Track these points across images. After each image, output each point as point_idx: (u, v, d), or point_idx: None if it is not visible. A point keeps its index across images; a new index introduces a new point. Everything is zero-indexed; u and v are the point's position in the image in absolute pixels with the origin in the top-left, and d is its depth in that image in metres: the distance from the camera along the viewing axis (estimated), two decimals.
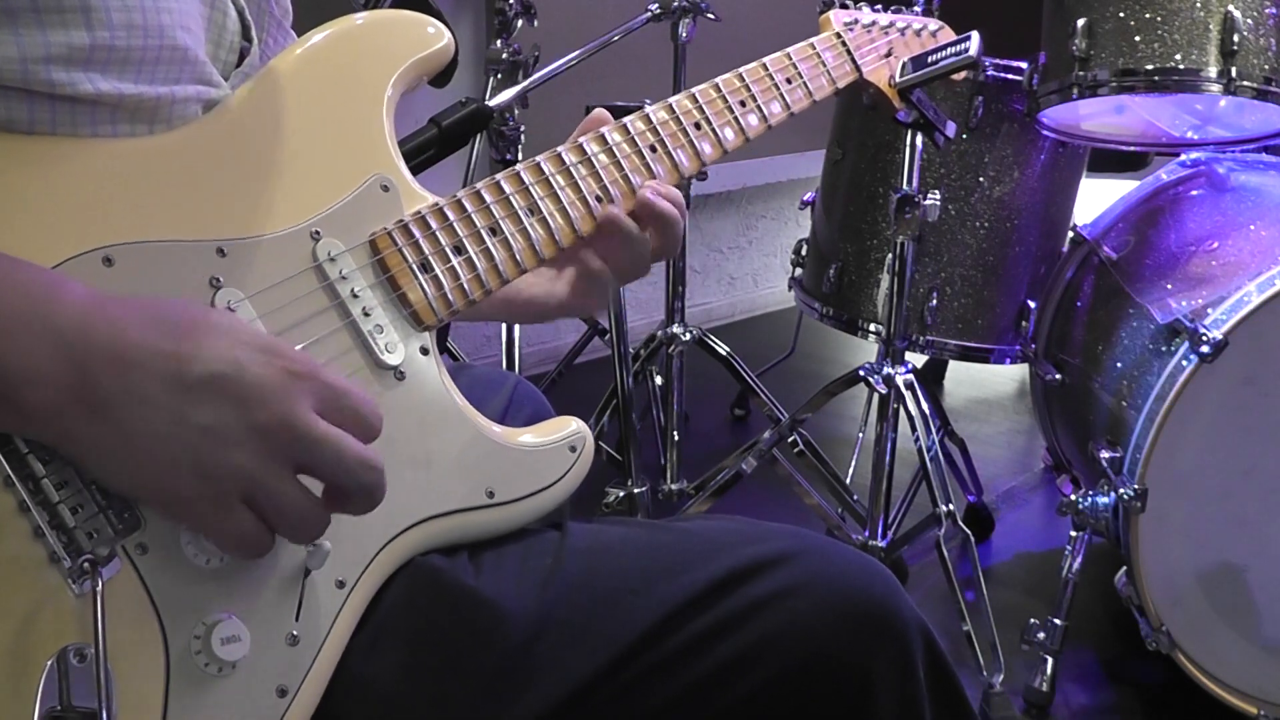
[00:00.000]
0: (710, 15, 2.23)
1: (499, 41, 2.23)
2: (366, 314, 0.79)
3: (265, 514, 0.66)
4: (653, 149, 0.96)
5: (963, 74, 1.38)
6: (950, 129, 1.66)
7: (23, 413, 0.61)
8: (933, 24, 1.35)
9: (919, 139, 1.80)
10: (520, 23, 2.24)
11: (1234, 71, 1.70)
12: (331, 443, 0.66)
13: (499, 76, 2.24)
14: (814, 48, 1.12)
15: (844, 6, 1.28)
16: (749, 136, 1.03)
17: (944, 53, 1.32)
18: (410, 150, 1.00)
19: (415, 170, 0.88)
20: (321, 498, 0.68)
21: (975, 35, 1.35)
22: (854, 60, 1.17)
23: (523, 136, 2.16)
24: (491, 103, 1.94)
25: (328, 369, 0.69)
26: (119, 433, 0.62)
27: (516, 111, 2.15)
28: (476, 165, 2.41)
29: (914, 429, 1.91)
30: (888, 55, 1.26)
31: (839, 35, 1.16)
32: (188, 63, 0.76)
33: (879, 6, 1.31)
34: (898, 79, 1.28)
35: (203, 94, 0.78)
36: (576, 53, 2.05)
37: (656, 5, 2.20)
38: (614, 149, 0.94)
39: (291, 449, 0.65)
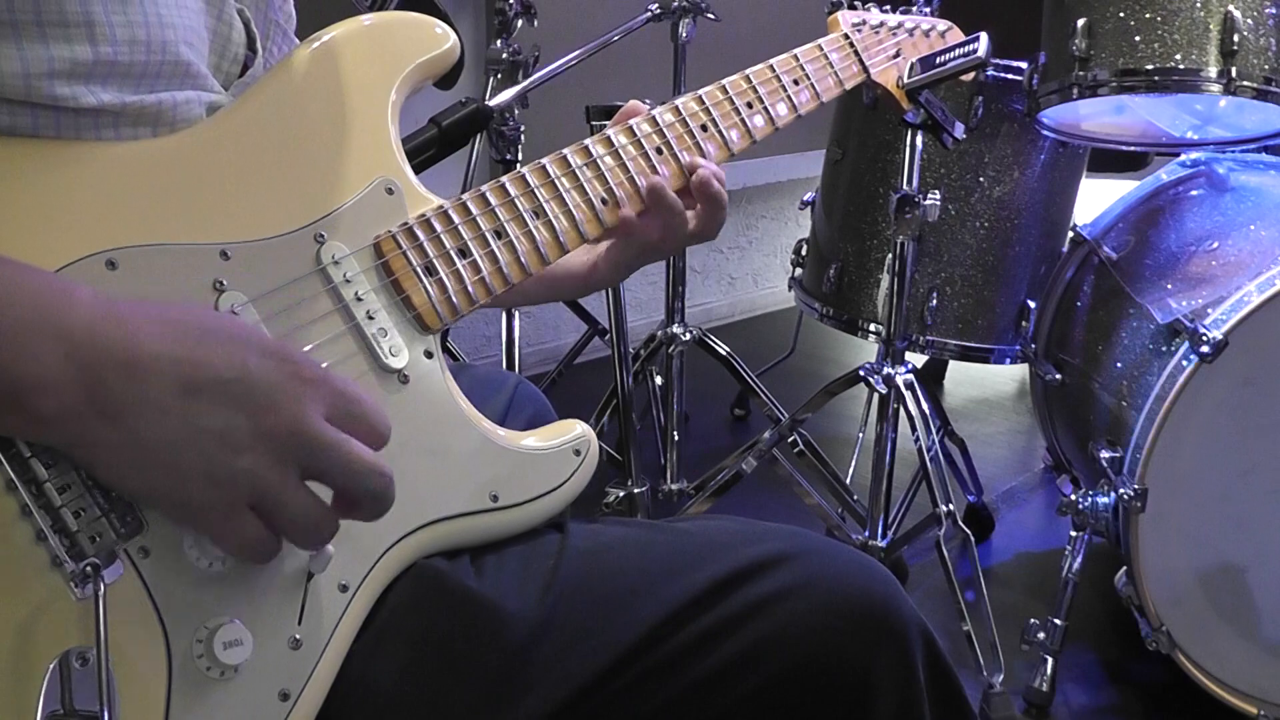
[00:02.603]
0: (710, 15, 2.23)
1: (499, 41, 2.23)
2: (371, 317, 0.79)
3: (273, 520, 0.66)
4: (659, 151, 0.96)
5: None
6: (959, 130, 1.65)
7: (34, 419, 0.60)
8: (941, 24, 1.35)
9: (919, 139, 1.79)
10: (520, 23, 2.24)
11: (1234, 71, 1.70)
12: (340, 449, 0.66)
13: (499, 76, 2.24)
14: (821, 49, 1.11)
15: (852, 7, 1.28)
16: (755, 138, 1.03)
17: (952, 54, 1.31)
18: (410, 150, 0.99)
19: (415, 170, 0.88)
20: (332, 504, 0.68)
21: (984, 36, 1.35)
22: (862, 61, 1.17)
23: (523, 136, 2.16)
24: (491, 103, 1.95)
25: (336, 374, 0.69)
26: (129, 438, 0.61)
27: (516, 111, 2.16)
28: (476, 165, 2.41)
29: (914, 429, 1.91)
30: (896, 56, 1.25)
31: (847, 36, 1.16)
32: (189, 75, 0.76)
33: (886, 7, 1.31)
34: (906, 80, 1.28)
35: (203, 97, 0.78)
36: (576, 53, 2.05)
37: (656, 5, 2.20)
38: (619, 151, 0.94)
39: (299, 455, 0.65)
